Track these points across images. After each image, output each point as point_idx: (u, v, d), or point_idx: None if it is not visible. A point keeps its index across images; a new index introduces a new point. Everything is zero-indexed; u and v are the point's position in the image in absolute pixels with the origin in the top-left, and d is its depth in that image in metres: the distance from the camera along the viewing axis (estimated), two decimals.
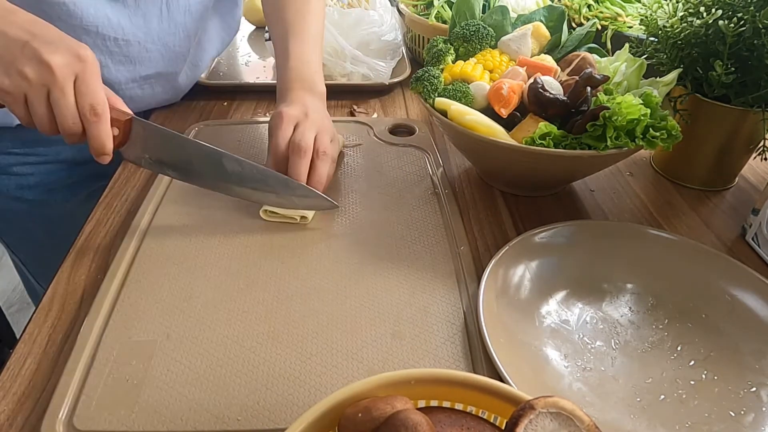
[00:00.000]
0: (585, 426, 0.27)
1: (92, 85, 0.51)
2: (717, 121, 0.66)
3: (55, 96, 0.50)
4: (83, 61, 0.50)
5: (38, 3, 0.61)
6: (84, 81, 0.50)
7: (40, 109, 0.50)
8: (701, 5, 0.63)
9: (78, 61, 0.50)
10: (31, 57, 0.48)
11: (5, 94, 0.50)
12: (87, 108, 0.50)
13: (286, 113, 0.63)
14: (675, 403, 0.44)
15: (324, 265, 0.55)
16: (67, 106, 0.50)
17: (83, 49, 0.51)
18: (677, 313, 0.52)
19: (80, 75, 0.50)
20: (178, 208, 0.63)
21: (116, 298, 0.51)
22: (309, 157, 0.60)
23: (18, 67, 0.49)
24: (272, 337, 0.48)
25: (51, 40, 0.50)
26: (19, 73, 0.49)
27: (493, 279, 0.52)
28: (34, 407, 0.42)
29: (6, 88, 0.49)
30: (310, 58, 0.72)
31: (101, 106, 0.51)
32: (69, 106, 0.50)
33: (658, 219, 0.66)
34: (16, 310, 1.77)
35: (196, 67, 0.86)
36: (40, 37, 0.49)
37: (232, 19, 0.90)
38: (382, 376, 0.32)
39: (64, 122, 0.51)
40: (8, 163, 0.77)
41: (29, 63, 0.48)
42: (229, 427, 0.41)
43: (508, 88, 0.61)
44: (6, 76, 0.49)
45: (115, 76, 0.73)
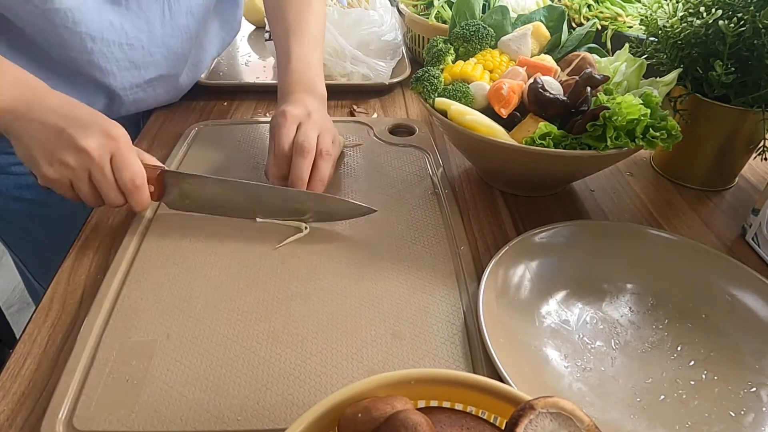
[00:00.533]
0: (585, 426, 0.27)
1: (128, 160, 0.55)
2: (717, 121, 0.66)
3: (96, 177, 0.54)
4: (115, 139, 0.54)
5: (44, 12, 0.62)
6: (120, 158, 0.54)
7: (84, 189, 0.55)
8: (701, 5, 0.63)
9: (111, 140, 0.54)
10: (69, 145, 0.53)
11: (52, 182, 0.55)
12: (128, 182, 0.55)
13: (289, 113, 0.63)
14: (675, 403, 0.44)
15: (324, 265, 0.55)
16: (108, 184, 0.55)
17: (114, 127, 0.55)
18: (677, 313, 0.52)
19: (115, 153, 0.54)
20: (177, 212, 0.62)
21: (116, 298, 0.51)
22: (312, 157, 0.61)
23: (59, 157, 0.53)
24: (272, 337, 0.48)
25: (84, 123, 0.54)
26: (61, 162, 0.53)
27: (493, 279, 0.52)
28: (34, 407, 0.42)
29: (52, 177, 0.54)
30: (311, 59, 0.72)
31: (140, 178, 0.56)
32: (110, 184, 0.55)
33: (658, 219, 0.66)
34: (16, 310, 1.77)
35: (197, 67, 0.86)
36: (73, 122, 0.53)
37: (233, 20, 0.90)
38: (382, 376, 0.32)
39: (108, 197, 0.56)
40: (7, 163, 0.76)
41: (68, 151, 0.53)
42: (229, 427, 0.41)
43: (508, 88, 0.61)
44: (50, 166, 0.53)
45: (120, 82, 0.73)
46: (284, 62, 0.71)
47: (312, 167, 0.61)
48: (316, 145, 0.61)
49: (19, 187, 0.78)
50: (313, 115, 0.64)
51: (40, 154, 0.53)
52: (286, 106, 0.64)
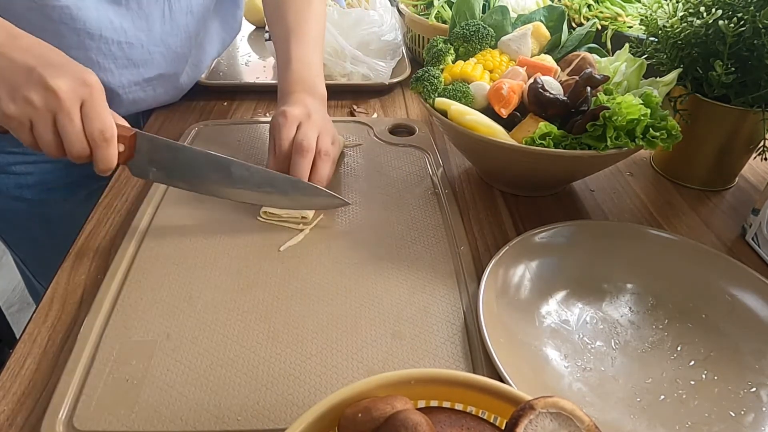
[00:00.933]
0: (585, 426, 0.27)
1: (100, 110, 0.51)
2: (717, 121, 0.66)
3: (62, 122, 0.50)
4: (89, 86, 0.50)
5: (42, 8, 0.61)
6: (91, 106, 0.50)
7: (46, 134, 0.50)
8: (701, 5, 0.63)
9: (84, 86, 0.50)
10: (37, 83, 0.48)
11: (10, 120, 0.50)
12: (96, 133, 0.51)
13: (289, 113, 0.63)
14: (675, 403, 0.44)
15: (324, 265, 0.55)
16: (75, 132, 0.50)
17: (88, 74, 0.51)
18: (677, 313, 0.52)
19: (87, 100, 0.50)
20: (178, 209, 0.63)
21: (116, 298, 0.51)
22: (311, 157, 0.61)
23: (23, 93, 0.48)
24: (272, 336, 0.48)
25: (56, 64, 0.50)
26: (25, 99, 0.49)
27: (493, 279, 0.52)
28: (34, 407, 0.42)
29: (11, 113, 0.49)
30: (311, 60, 0.72)
31: (110, 130, 0.52)
32: (77, 132, 0.50)
33: (658, 219, 0.66)
34: (16, 310, 1.77)
35: (197, 67, 0.86)
36: (45, 62, 0.49)
37: (233, 20, 0.90)
38: (382, 376, 0.32)
39: (72, 147, 0.51)
40: (7, 162, 0.77)
41: (35, 89, 0.48)
42: (229, 427, 0.41)
43: (508, 88, 0.61)
44: (11, 101, 0.49)
45: (119, 80, 0.73)
46: (284, 63, 0.71)
47: (311, 167, 0.61)
48: (315, 145, 0.61)
49: (19, 187, 0.78)
50: (313, 116, 0.64)
51: (3, 89, 0.49)
52: (286, 107, 0.64)
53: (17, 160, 0.77)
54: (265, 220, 0.61)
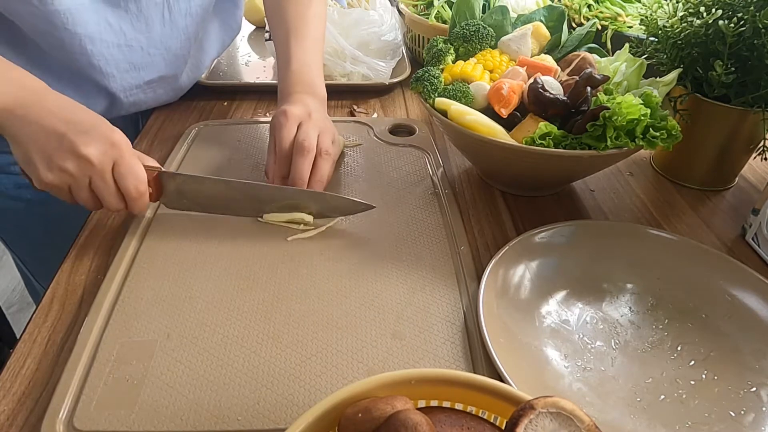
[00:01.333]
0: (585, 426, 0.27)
1: (132, 169, 0.54)
2: (717, 121, 0.66)
3: (97, 185, 0.54)
4: (117, 147, 0.54)
5: (45, 14, 0.62)
6: (123, 165, 0.54)
7: (83, 194, 0.55)
8: (701, 5, 0.63)
9: (113, 148, 0.53)
10: (70, 151, 0.52)
11: (49, 186, 0.54)
12: (131, 190, 0.55)
13: (289, 112, 0.63)
14: (675, 403, 0.44)
15: (324, 265, 0.55)
16: (109, 192, 0.54)
17: (115, 133, 0.54)
18: (677, 313, 0.52)
19: (118, 161, 0.54)
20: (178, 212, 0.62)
21: (116, 298, 0.51)
22: (312, 156, 0.61)
23: (58, 163, 0.52)
24: (272, 337, 0.48)
25: (85, 129, 0.53)
26: (60, 168, 0.52)
27: (493, 279, 0.52)
28: (34, 407, 0.43)
29: (51, 182, 0.53)
30: (311, 61, 0.72)
31: (142, 185, 0.55)
32: (111, 191, 0.54)
33: (658, 219, 0.66)
34: (16, 310, 1.77)
35: (197, 68, 0.86)
36: (74, 127, 0.52)
37: (232, 20, 0.90)
38: (382, 376, 0.32)
39: (109, 204, 0.55)
40: (6, 162, 0.76)
41: (69, 158, 0.52)
42: (229, 427, 0.41)
43: (508, 88, 0.61)
44: (49, 171, 0.52)
45: (120, 84, 0.73)
46: (284, 63, 0.72)
47: (312, 167, 0.61)
48: (316, 144, 0.61)
49: (18, 187, 0.78)
50: (313, 115, 0.64)
51: (39, 158, 0.52)
52: (286, 106, 0.64)
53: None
54: (268, 221, 0.60)
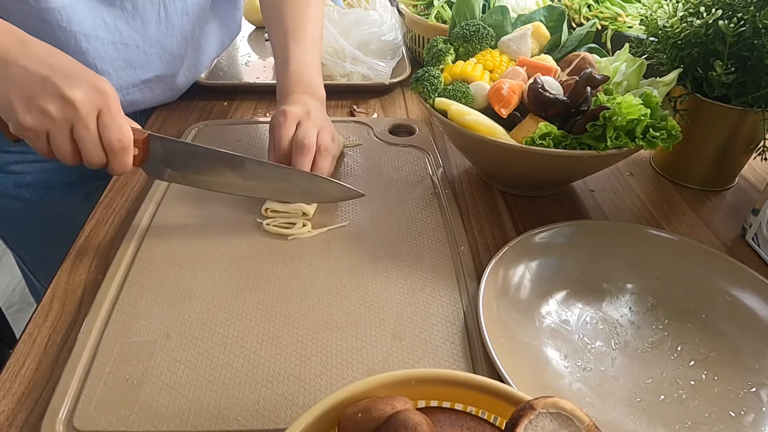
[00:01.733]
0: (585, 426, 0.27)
1: (116, 118, 0.51)
2: (717, 121, 0.66)
3: (79, 132, 0.50)
4: (105, 95, 0.50)
5: (39, 12, 0.62)
6: (108, 115, 0.50)
7: (63, 144, 0.50)
8: (701, 5, 0.63)
9: (100, 95, 0.50)
10: (53, 93, 0.48)
11: (26, 130, 0.50)
12: (114, 142, 0.51)
13: (289, 111, 0.63)
14: (675, 404, 0.44)
15: (324, 265, 0.55)
16: (92, 141, 0.50)
17: (103, 82, 0.51)
18: (677, 313, 0.52)
19: (103, 109, 0.50)
20: (179, 208, 0.63)
21: (116, 298, 0.51)
22: (312, 154, 0.61)
23: (39, 104, 0.48)
24: (272, 337, 0.48)
25: (70, 74, 0.49)
26: (41, 110, 0.48)
27: (493, 279, 0.52)
28: (34, 407, 0.42)
29: (28, 124, 0.49)
30: (309, 61, 0.72)
31: (127, 139, 0.52)
32: (94, 141, 0.50)
33: (658, 219, 0.66)
34: (16, 310, 1.77)
35: (195, 68, 0.86)
36: (59, 71, 0.49)
37: (231, 21, 0.90)
38: (382, 376, 0.32)
39: (90, 156, 0.51)
40: (6, 162, 0.77)
41: (51, 99, 0.48)
42: (229, 427, 0.41)
43: (508, 88, 0.61)
44: (28, 112, 0.48)
45: (116, 82, 0.73)
46: (283, 64, 0.72)
47: (312, 165, 0.61)
48: (315, 143, 0.61)
49: (17, 186, 0.78)
50: (312, 114, 0.64)
51: (18, 99, 0.48)
52: (285, 106, 0.65)
53: (15, 159, 0.77)
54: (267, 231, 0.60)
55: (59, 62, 0.50)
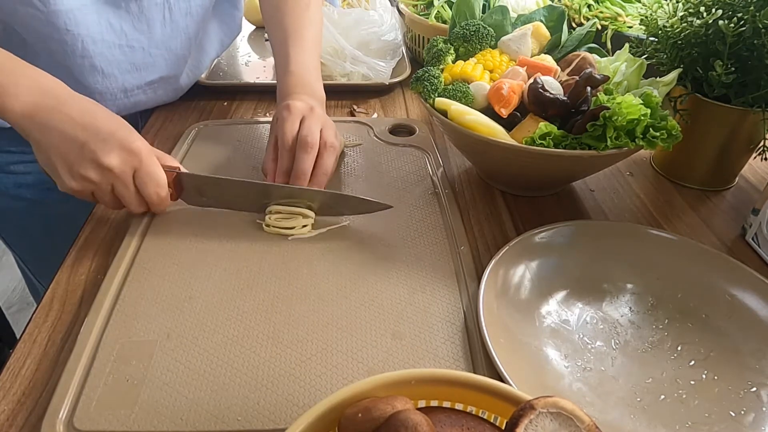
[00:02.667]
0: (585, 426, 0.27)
1: (152, 175, 0.56)
2: (717, 121, 0.66)
3: (119, 191, 0.56)
4: (137, 154, 0.55)
5: (46, 15, 0.62)
6: (144, 172, 0.56)
7: (106, 198, 0.57)
8: (701, 5, 0.63)
9: (133, 155, 0.55)
10: (91, 161, 0.53)
11: (74, 192, 0.55)
12: (152, 195, 0.57)
13: (292, 106, 0.63)
14: (675, 403, 0.44)
15: (324, 265, 0.55)
16: (131, 197, 0.56)
17: (134, 142, 0.55)
18: (677, 313, 0.52)
19: (138, 167, 0.55)
20: (179, 209, 0.63)
21: (116, 298, 0.51)
22: (315, 152, 0.61)
23: (81, 172, 0.53)
24: (272, 337, 0.48)
25: (104, 137, 0.53)
26: (83, 177, 0.54)
27: (493, 279, 0.52)
28: (34, 407, 0.43)
29: (74, 189, 0.55)
30: (309, 63, 0.72)
31: (163, 189, 0.57)
32: (132, 196, 0.56)
33: (658, 219, 0.66)
34: (16, 310, 1.77)
35: (197, 68, 0.87)
36: (95, 136, 0.53)
37: (231, 21, 0.90)
38: (382, 376, 0.32)
39: (131, 207, 0.58)
40: (6, 162, 0.77)
41: (90, 167, 0.53)
42: (229, 427, 0.41)
43: (508, 88, 0.61)
44: (72, 179, 0.54)
45: (122, 85, 0.73)
46: (283, 66, 0.72)
47: (315, 160, 0.62)
48: (319, 140, 0.62)
49: (18, 186, 0.78)
50: (315, 110, 0.65)
51: (61, 166, 0.53)
52: (289, 101, 0.65)
53: (16, 160, 0.77)
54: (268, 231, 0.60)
55: (95, 122, 0.54)
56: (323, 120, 0.64)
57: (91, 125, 0.54)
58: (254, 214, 0.62)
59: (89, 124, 0.54)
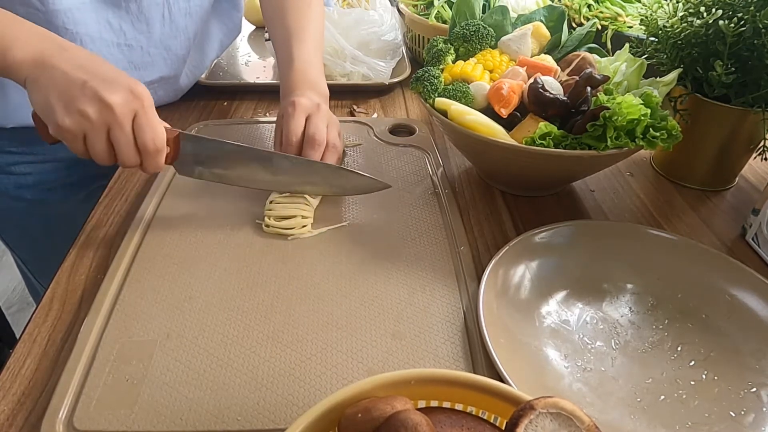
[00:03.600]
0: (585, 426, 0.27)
1: (151, 121, 0.53)
2: (717, 121, 0.66)
3: (115, 134, 0.52)
4: (140, 98, 0.52)
5: (45, 14, 0.62)
6: (143, 117, 0.53)
7: (99, 145, 0.52)
8: (701, 5, 0.63)
9: (136, 98, 0.52)
10: (92, 96, 0.50)
11: (65, 132, 0.51)
12: (149, 143, 0.53)
13: (299, 103, 0.64)
14: (675, 404, 0.44)
15: (324, 265, 0.55)
16: (128, 143, 0.53)
17: (138, 85, 0.53)
18: (677, 313, 0.52)
19: (139, 111, 0.52)
20: (179, 209, 0.63)
21: (116, 298, 0.51)
22: (322, 149, 0.62)
23: (78, 107, 0.50)
24: (272, 336, 0.48)
25: (108, 78, 0.51)
26: (80, 112, 0.50)
27: (493, 279, 0.52)
28: (34, 407, 0.43)
29: (67, 126, 0.51)
30: (313, 60, 0.72)
31: (160, 140, 0.54)
32: (129, 143, 0.53)
33: (658, 219, 0.66)
34: (16, 310, 1.77)
35: (197, 68, 0.87)
36: (97, 75, 0.51)
37: (230, 22, 0.90)
38: (382, 376, 0.32)
39: (124, 157, 0.53)
40: (6, 162, 0.77)
41: (90, 102, 0.50)
42: (229, 427, 0.41)
43: (508, 88, 0.61)
44: (67, 114, 0.50)
45: None
46: (286, 63, 0.72)
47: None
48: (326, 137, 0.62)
49: (18, 187, 0.78)
50: (321, 107, 0.65)
51: (59, 102, 0.50)
52: (294, 97, 0.65)
53: (16, 160, 0.77)
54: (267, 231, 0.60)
55: (98, 67, 0.52)
56: (329, 117, 0.65)
57: (95, 68, 0.52)
58: (254, 215, 0.61)
59: (94, 67, 0.52)
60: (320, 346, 0.47)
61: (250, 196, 0.63)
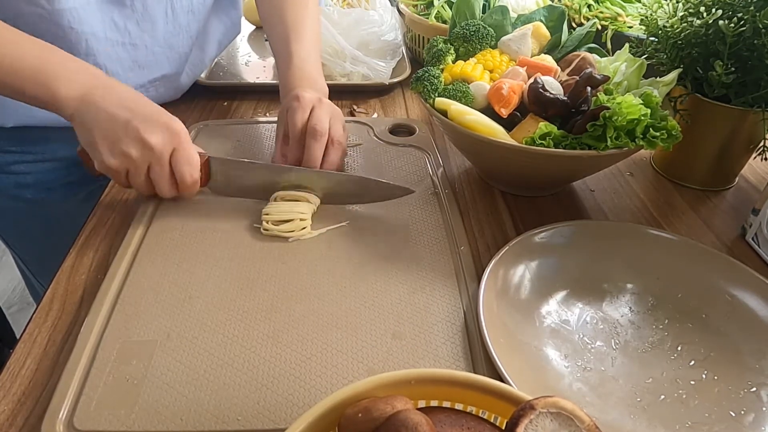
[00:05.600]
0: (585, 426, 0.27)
1: (189, 157, 0.58)
2: (717, 121, 0.66)
3: (155, 171, 0.57)
4: (177, 135, 0.57)
5: (51, 14, 0.62)
6: (181, 153, 0.57)
7: (140, 179, 0.58)
8: (701, 5, 0.63)
9: (173, 136, 0.56)
10: (134, 137, 0.55)
11: (110, 170, 0.56)
12: (186, 177, 0.58)
13: (302, 96, 0.64)
14: (675, 403, 0.44)
15: (324, 265, 0.55)
16: (166, 177, 0.58)
17: (175, 122, 0.57)
18: (677, 313, 0.52)
19: (177, 149, 0.57)
20: (179, 209, 0.63)
21: (116, 298, 0.51)
22: (325, 140, 0.62)
23: (122, 148, 0.55)
24: (272, 336, 0.48)
25: (148, 116, 0.56)
26: (124, 153, 0.55)
27: (493, 279, 0.52)
28: (34, 407, 0.43)
29: (112, 166, 0.56)
30: (312, 58, 0.73)
31: (197, 172, 0.59)
32: (167, 177, 0.58)
33: (658, 219, 0.66)
34: (16, 310, 1.77)
35: (197, 67, 0.87)
36: (139, 115, 0.55)
37: (229, 21, 0.90)
38: (382, 376, 0.32)
39: (163, 189, 0.59)
40: (6, 162, 0.77)
41: (133, 144, 0.55)
42: (229, 427, 0.41)
43: (508, 88, 0.61)
44: (112, 156, 0.55)
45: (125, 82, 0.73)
46: (285, 61, 0.72)
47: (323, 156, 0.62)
48: (328, 129, 0.62)
49: (18, 187, 0.78)
50: (324, 100, 0.66)
51: (104, 143, 0.54)
52: (298, 91, 0.65)
53: (16, 160, 0.77)
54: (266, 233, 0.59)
55: (138, 105, 0.56)
56: (332, 110, 0.65)
57: (135, 107, 0.55)
58: (255, 215, 0.61)
59: (133, 106, 0.55)
60: (320, 346, 0.47)
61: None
